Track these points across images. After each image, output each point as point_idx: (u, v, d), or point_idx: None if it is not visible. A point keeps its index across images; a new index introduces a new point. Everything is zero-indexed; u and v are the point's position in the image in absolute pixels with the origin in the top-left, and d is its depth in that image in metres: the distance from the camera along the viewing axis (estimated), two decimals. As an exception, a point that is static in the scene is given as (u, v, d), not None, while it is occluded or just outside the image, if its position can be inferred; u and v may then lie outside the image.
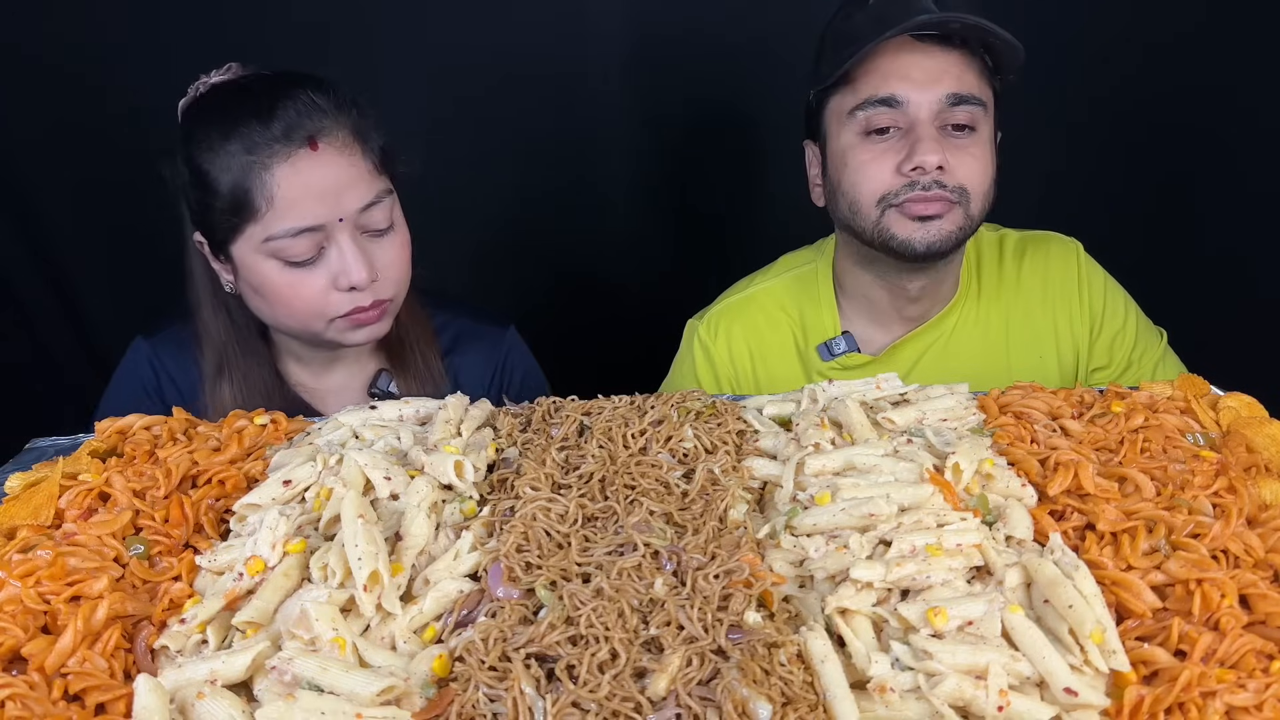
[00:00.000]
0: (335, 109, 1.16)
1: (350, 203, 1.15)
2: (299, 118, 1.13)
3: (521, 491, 0.88)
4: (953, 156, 1.23)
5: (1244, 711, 0.64)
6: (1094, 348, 1.41)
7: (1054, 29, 1.87)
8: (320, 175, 1.13)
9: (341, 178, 1.15)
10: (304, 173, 1.13)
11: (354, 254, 1.16)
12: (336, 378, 1.36)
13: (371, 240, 1.19)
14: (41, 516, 0.87)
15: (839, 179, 1.30)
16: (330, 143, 1.14)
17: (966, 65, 1.25)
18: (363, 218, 1.17)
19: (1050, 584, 0.73)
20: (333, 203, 1.14)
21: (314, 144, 1.13)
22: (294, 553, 0.80)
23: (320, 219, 1.14)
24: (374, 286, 1.19)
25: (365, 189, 1.17)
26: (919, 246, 1.25)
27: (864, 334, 1.42)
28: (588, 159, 2.01)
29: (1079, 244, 1.44)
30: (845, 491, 0.85)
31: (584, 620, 0.71)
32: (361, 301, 1.19)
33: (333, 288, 1.17)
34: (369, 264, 1.17)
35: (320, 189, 1.13)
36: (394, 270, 1.22)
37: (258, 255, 1.16)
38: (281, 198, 1.12)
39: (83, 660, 0.71)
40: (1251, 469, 0.89)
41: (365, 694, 0.67)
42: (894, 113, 1.24)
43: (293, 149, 1.12)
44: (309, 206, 1.13)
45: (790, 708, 0.65)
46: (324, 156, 1.14)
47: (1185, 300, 1.72)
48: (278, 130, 1.12)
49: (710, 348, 1.45)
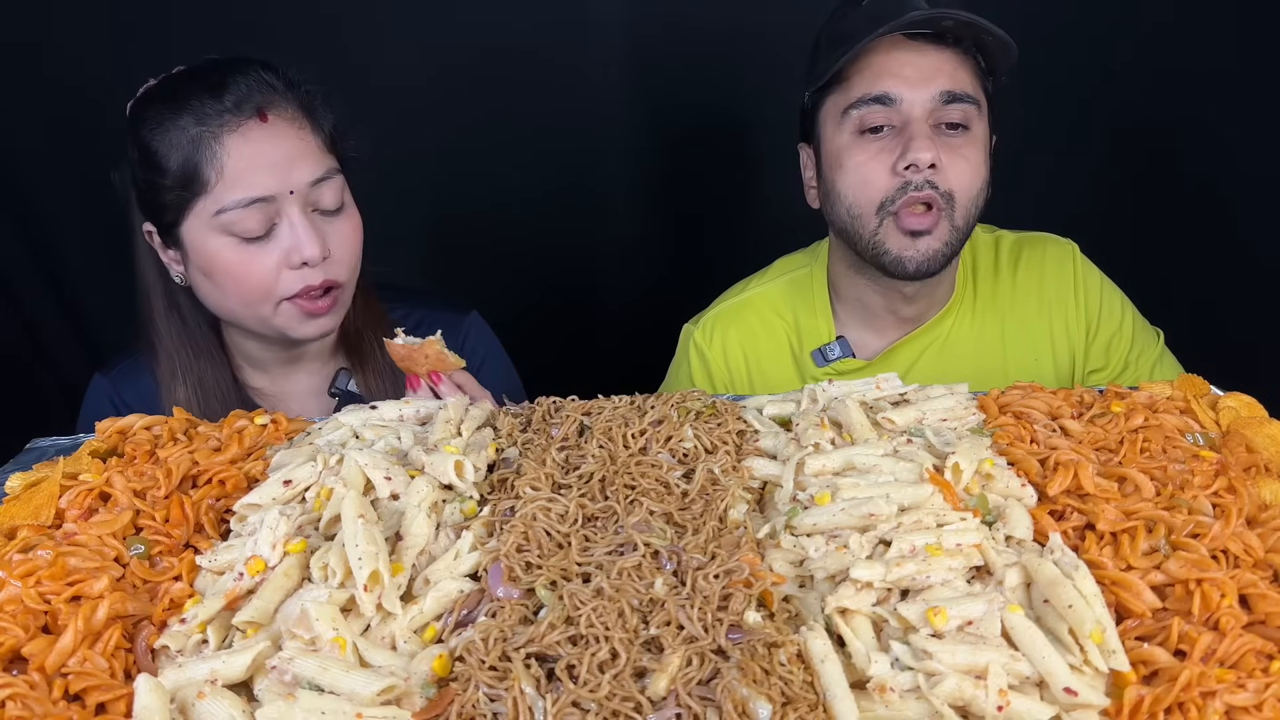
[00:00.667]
0: (285, 86, 1.18)
1: (300, 175, 1.16)
2: (249, 91, 1.15)
3: (521, 491, 0.88)
4: (946, 155, 1.23)
5: (1244, 711, 0.64)
6: (1091, 349, 1.41)
7: (1052, 29, 1.87)
8: (270, 146, 1.14)
9: (291, 150, 1.15)
10: (254, 142, 1.14)
11: (305, 228, 1.16)
12: (298, 382, 1.35)
13: (323, 219, 1.19)
14: (42, 516, 0.87)
15: (834, 180, 1.30)
16: (280, 115, 1.16)
17: (960, 64, 1.25)
18: (313, 193, 1.17)
19: (1050, 584, 0.73)
20: (283, 174, 1.14)
21: (264, 115, 1.14)
22: (294, 553, 0.80)
23: (270, 189, 1.14)
24: (325, 265, 1.19)
25: (315, 163, 1.17)
26: (909, 266, 1.26)
27: (859, 338, 1.42)
28: (584, 161, 2.01)
29: (1075, 245, 1.44)
30: (845, 491, 0.85)
31: (584, 620, 0.71)
32: (312, 280, 1.18)
33: (285, 265, 1.17)
34: (321, 240, 1.17)
35: (270, 159, 1.14)
36: (345, 251, 1.21)
37: (208, 232, 1.15)
38: (232, 168, 1.13)
39: (83, 660, 0.71)
40: (1251, 469, 0.89)
41: (365, 694, 0.67)
42: (888, 111, 1.24)
43: (243, 119, 1.14)
44: (259, 177, 1.14)
45: (790, 708, 0.65)
46: (274, 128, 1.15)
47: (1183, 300, 1.72)
48: (228, 102, 1.14)
49: (706, 352, 1.45)
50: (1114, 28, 1.88)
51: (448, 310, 1.46)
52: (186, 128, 1.13)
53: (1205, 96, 1.90)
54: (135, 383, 1.31)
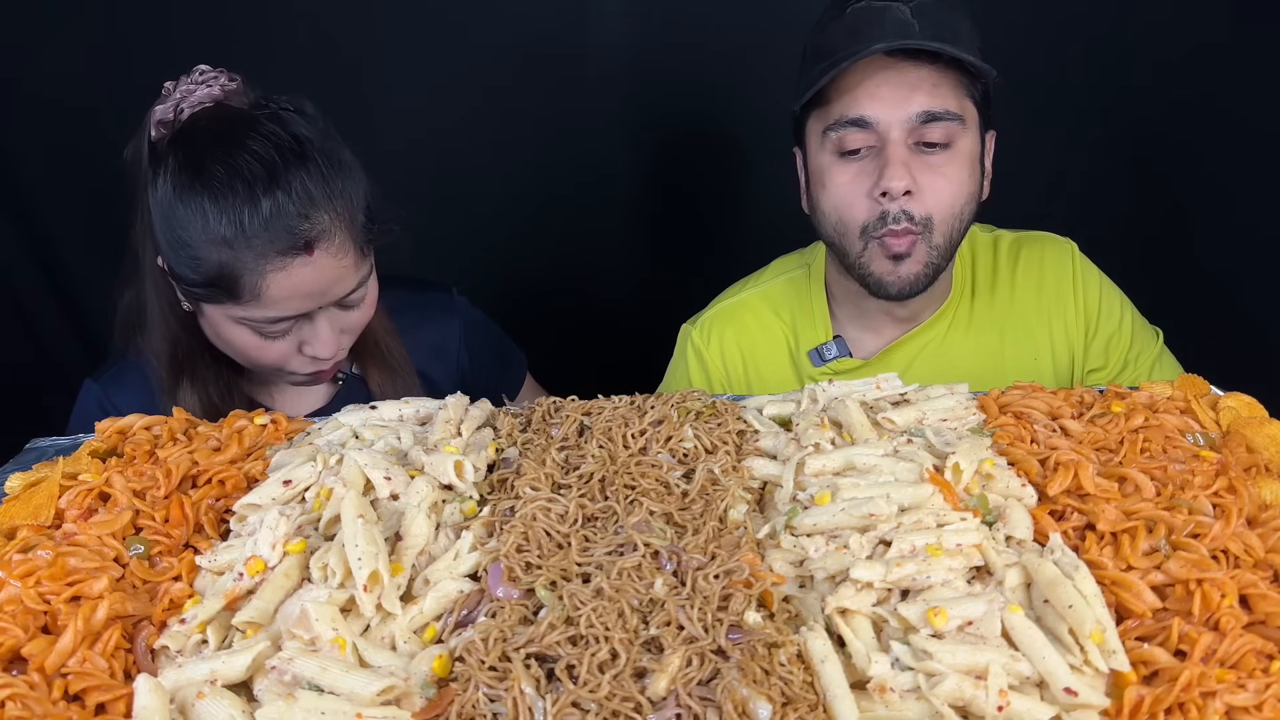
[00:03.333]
0: (326, 197, 1.11)
1: (336, 293, 1.16)
2: (296, 220, 1.08)
3: (521, 491, 0.88)
4: (924, 177, 1.22)
5: (1244, 711, 0.64)
6: (1090, 348, 1.41)
7: (1051, 29, 1.87)
8: (313, 278, 1.12)
9: (331, 276, 1.14)
10: (295, 276, 1.10)
11: (326, 333, 1.17)
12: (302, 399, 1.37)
13: (344, 310, 1.20)
14: (41, 516, 0.87)
15: (819, 197, 1.30)
16: (326, 247, 1.11)
17: (940, 79, 1.21)
18: (343, 299, 1.18)
19: (1050, 584, 0.73)
20: (319, 298, 1.14)
21: (310, 249, 1.10)
22: (294, 553, 0.80)
23: (303, 309, 1.14)
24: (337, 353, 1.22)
25: (351, 279, 1.16)
26: (891, 289, 1.27)
27: (856, 338, 1.42)
28: (582, 163, 2.01)
29: (1074, 245, 1.43)
30: (845, 491, 0.85)
31: (584, 620, 0.71)
32: (323, 366, 1.22)
33: (296, 352, 1.19)
34: (337, 339, 1.19)
35: (310, 289, 1.13)
36: (358, 331, 1.24)
37: (227, 321, 1.15)
38: (269, 297, 1.10)
39: (83, 660, 0.71)
40: (1251, 469, 0.89)
41: (365, 694, 0.67)
42: (864, 133, 1.22)
43: (289, 258, 1.09)
44: (295, 303, 1.13)
45: (790, 708, 0.65)
46: (318, 260, 1.11)
47: (1183, 300, 1.72)
48: (276, 231, 1.08)
49: (703, 352, 1.45)
50: (1112, 27, 1.88)
51: (428, 291, 1.47)
52: (228, 240, 1.07)
53: (1205, 95, 1.90)
54: (125, 387, 1.31)
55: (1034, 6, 1.86)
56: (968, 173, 1.25)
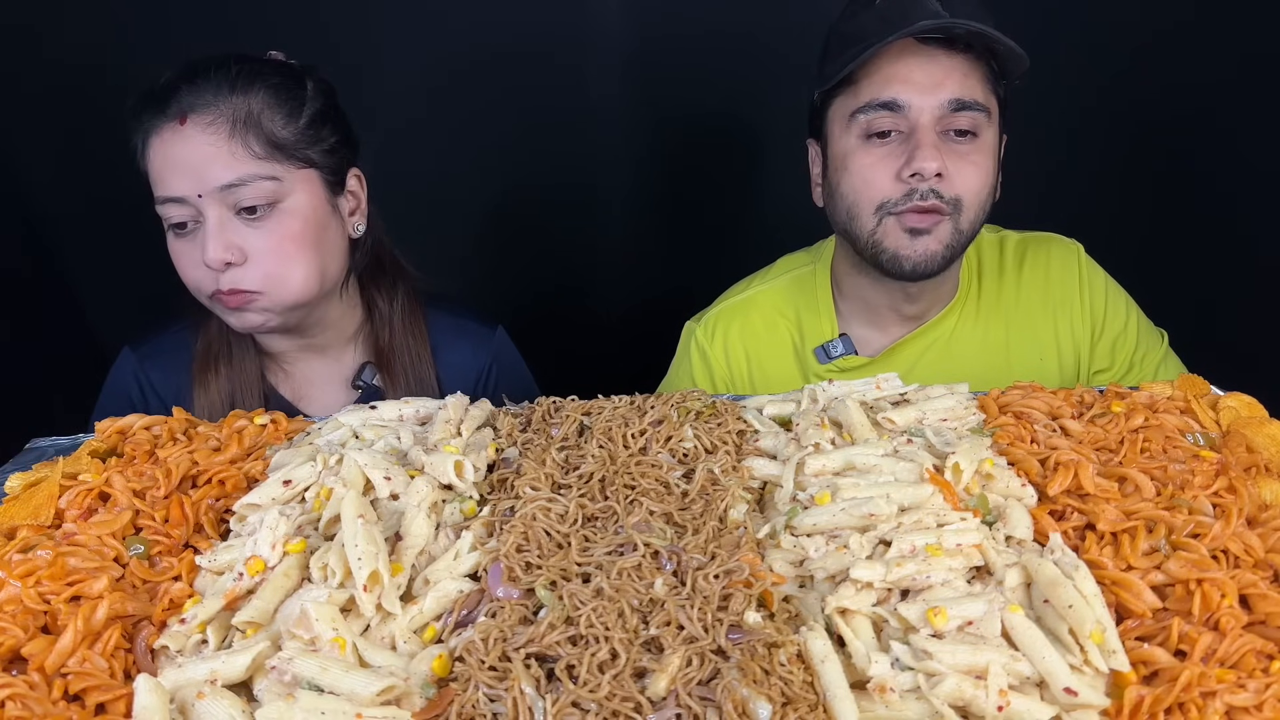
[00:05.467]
0: (229, 90, 1.18)
1: (211, 179, 1.17)
2: (181, 95, 1.17)
3: (521, 491, 0.88)
4: (952, 163, 1.23)
5: (1244, 711, 0.64)
6: (1095, 350, 1.41)
7: (1055, 28, 1.87)
8: (180, 150, 1.17)
9: (204, 154, 1.16)
10: (167, 144, 1.17)
11: (213, 232, 1.17)
12: (314, 366, 1.37)
13: (245, 224, 1.19)
14: (41, 516, 0.87)
15: (838, 181, 1.30)
16: (199, 118, 1.17)
17: (970, 70, 1.23)
18: (230, 197, 1.17)
19: (1050, 584, 0.73)
20: (194, 177, 1.16)
21: (183, 119, 1.16)
22: (294, 553, 0.80)
23: (181, 191, 1.17)
24: (238, 272, 1.19)
25: (229, 168, 1.17)
26: (906, 265, 1.26)
27: (862, 335, 1.42)
28: (585, 159, 2.01)
29: (1080, 246, 1.44)
30: (845, 491, 0.85)
31: (584, 620, 0.71)
32: (222, 285, 1.20)
33: (202, 263, 1.19)
34: (227, 245, 1.18)
35: (180, 162, 1.17)
36: (268, 260, 1.20)
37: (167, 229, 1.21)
38: (154, 169, 1.18)
39: (83, 660, 0.71)
40: (1251, 469, 0.89)
41: (365, 694, 0.67)
42: (895, 117, 1.23)
43: (163, 123, 1.17)
44: (171, 179, 1.17)
45: (790, 708, 0.65)
46: (187, 132, 1.16)
47: (1185, 300, 1.72)
48: (160, 105, 1.17)
49: (707, 350, 1.45)
50: (1118, 29, 1.88)
51: (475, 321, 1.48)
52: (136, 127, 1.19)
53: (1209, 96, 1.90)
54: (160, 362, 1.34)
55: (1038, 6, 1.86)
56: (991, 164, 1.27)
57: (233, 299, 1.20)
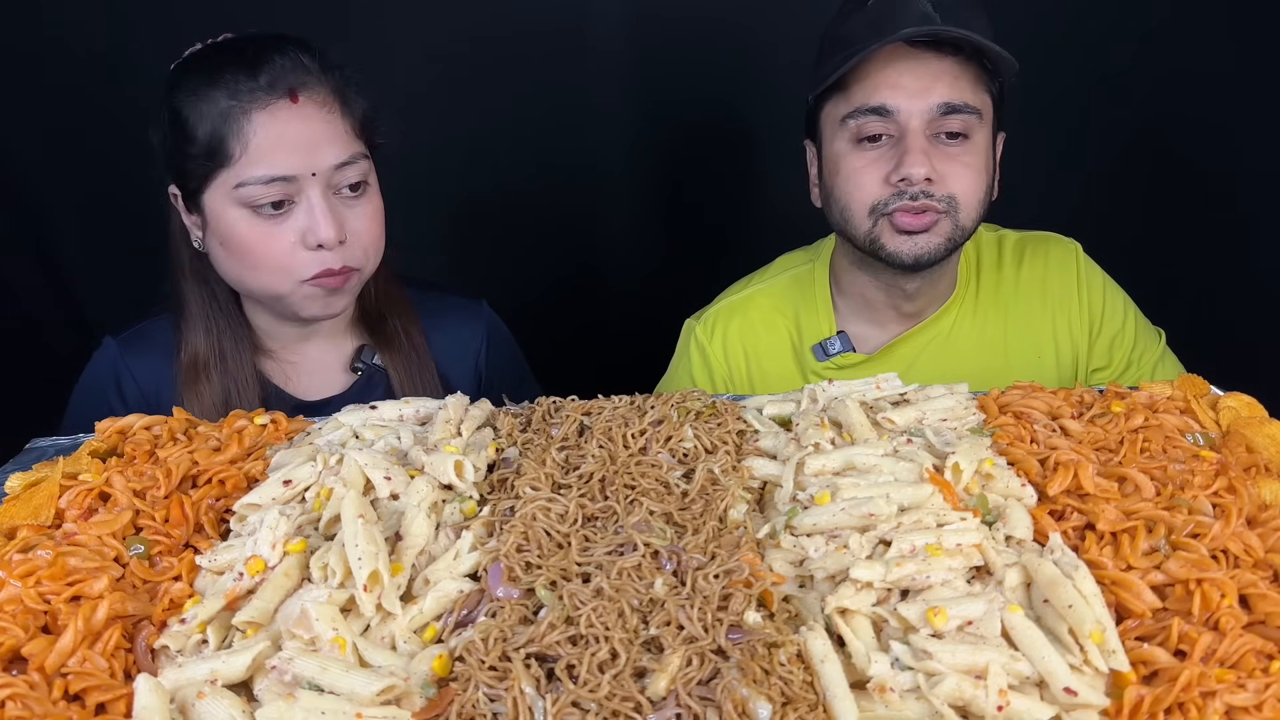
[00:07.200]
0: (320, 69, 1.19)
1: (325, 159, 1.17)
2: (284, 71, 1.16)
3: (521, 491, 0.88)
4: (943, 166, 1.23)
5: (1244, 711, 0.64)
6: (1093, 349, 1.41)
7: (1054, 27, 1.87)
8: (297, 127, 1.16)
9: (318, 132, 1.17)
10: (282, 121, 1.15)
11: (324, 210, 1.17)
12: (309, 354, 1.36)
13: (344, 203, 1.20)
14: (41, 516, 0.87)
15: (832, 185, 1.31)
16: (311, 97, 1.17)
17: (961, 72, 1.23)
18: (336, 176, 1.18)
19: (1050, 584, 0.73)
20: (306, 155, 1.16)
21: (294, 96, 1.16)
22: (294, 553, 0.80)
23: (293, 169, 1.15)
24: (342, 250, 1.19)
25: (341, 147, 1.18)
26: (906, 258, 1.26)
27: (860, 333, 1.42)
28: (585, 155, 2.01)
29: (1078, 245, 1.44)
30: (845, 491, 0.85)
31: (584, 620, 0.71)
32: (331, 264, 1.19)
33: (301, 245, 1.18)
34: (338, 223, 1.18)
35: (295, 140, 1.15)
36: (365, 237, 1.22)
37: (228, 203, 1.17)
38: (256, 145, 1.15)
39: (83, 660, 0.71)
40: (1251, 469, 0.89)
41: (365, 694, 0.67)
42: (885, 121, 1.24)
43: (273, 99, 1.15)
44: (283, 156, 1.15)
45: (790, 708, 0.65)
46: (303, 110, 1.16)
47: (1184, 300, 1.72)
48: (262, 80, 1.15)
49: (707, 348, 1.46)
50: (1115, 27, 1.88)
51: (458, 296, 1.48)
52: (218, 100, 1.15)
53: (1207, 95, 1.90)
54: (141, 350, 1.32)
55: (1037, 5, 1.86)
56: (984, 164, 1.27)
57: (336, 279, 1.20)
